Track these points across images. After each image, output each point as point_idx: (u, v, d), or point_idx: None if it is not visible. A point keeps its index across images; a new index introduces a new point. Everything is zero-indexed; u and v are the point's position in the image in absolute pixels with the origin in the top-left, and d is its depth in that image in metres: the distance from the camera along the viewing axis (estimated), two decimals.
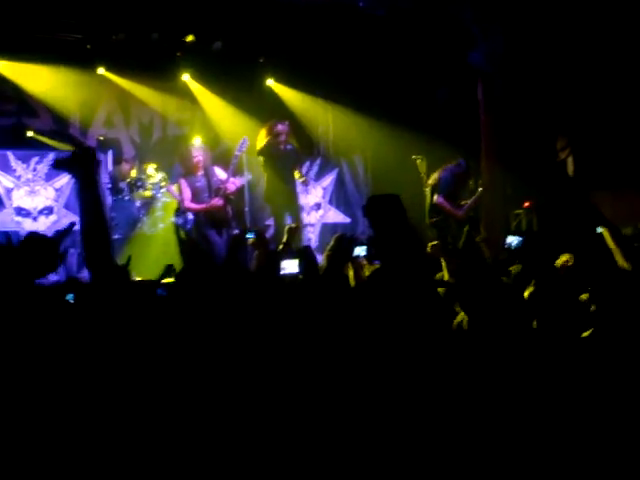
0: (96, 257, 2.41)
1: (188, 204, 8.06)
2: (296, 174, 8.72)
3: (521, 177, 8.67)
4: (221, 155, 9.90)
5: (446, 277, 4.58)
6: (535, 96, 8.85)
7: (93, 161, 2.47)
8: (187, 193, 8.04)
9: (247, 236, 4.81)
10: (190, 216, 8.36)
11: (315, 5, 8.62)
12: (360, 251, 4.19)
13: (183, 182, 8.11)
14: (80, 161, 2.45)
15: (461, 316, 2.98)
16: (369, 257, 4.38)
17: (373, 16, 8.65)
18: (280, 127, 8.45)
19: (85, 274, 5.26)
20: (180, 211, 8.88)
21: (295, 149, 8.84)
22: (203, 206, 7.98)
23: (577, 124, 9.19)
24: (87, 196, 2.44)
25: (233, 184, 8.17)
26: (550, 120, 9.28)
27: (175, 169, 9.46)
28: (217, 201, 7.95)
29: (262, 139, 8.45)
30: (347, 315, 2.76)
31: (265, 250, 4.69)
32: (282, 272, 3.89)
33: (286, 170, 8.59)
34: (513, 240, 4.23)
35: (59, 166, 2.57)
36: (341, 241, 3.39)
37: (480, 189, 8.38)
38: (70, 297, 2.86)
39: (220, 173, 8.22)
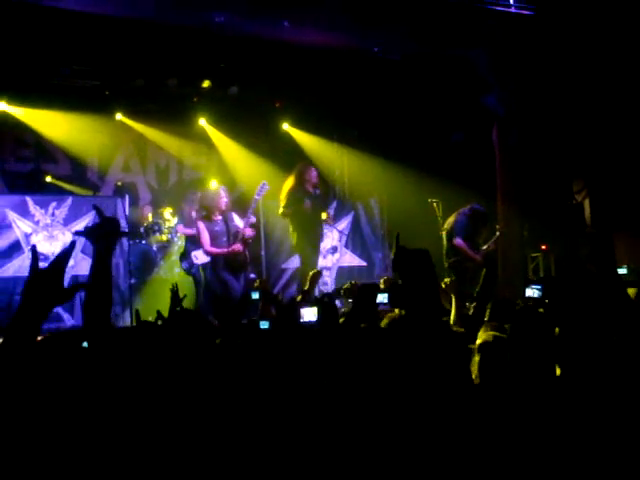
0: (95, 323, 2.42)
1: (209, 248, 8.02)
2: (323, 215, 8.70)
3: (538, 220, 8.64)
4: (237, 199, 9.94)
5: (452, 317, 4.52)
6: (551, 139, 8.85)
7: (117, 233, 2.47)
8: (206, 237, 8.01)
9: (252, 297, 4.80)
10: (195, 260, 8.34)
11: (330, 50, 8.70)
12: (382, 299, 4.14)
13: (201, 225, 8.08)
14: (106, 233, 2.44)
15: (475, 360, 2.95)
16: (391, 304, 4.34)
17: (388, 61, 8.72)
18: (311, 173, 8.50)
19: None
20: (184, 255, 8.89)
21: (322, 192, 8.86)
22: (224, 250, 7.95)
23: (593, 167, 9.16)
24: (102, 267, 2.44)
25: (252, 230, 8.16)
26: (566, 163, 9.27)
27: (185, 211, 9.51)
28: (238, 246, 7.93)
29: (291, 184, 8.47)
30: (367, 361, 2.75)
31: (275, 302, 4.68)
32: (302, 320, 3.86)
33: (315, 213, 8.59)
34: (533, 292, 4.15)
35: (84, 234, 2.54)
36: (365, 290, 3.38)
37: (497, 233, 8.34)
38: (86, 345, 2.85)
39: (236, 219, 8.22)
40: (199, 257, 8.12)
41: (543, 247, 9.03)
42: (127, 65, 8.90)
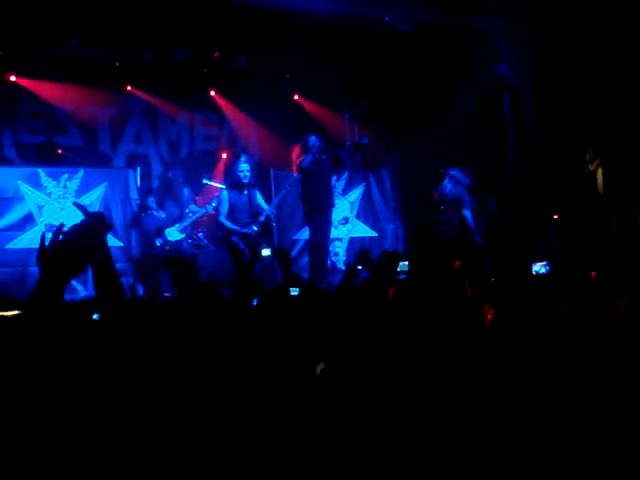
0: (106, 295, 2.38)
1: (222, 219, 7.94)
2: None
3: (550, 189, 8.60)
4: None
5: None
6: (563, 107, 8.78)
7: (102, 229, 2.36)
8: (225, 207, 7.93)
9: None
10: (169, 237, 8.43)
11: (341, 20, 8.64)
12: (404, 266, 4.15)
13: (224, 195, 7.98)
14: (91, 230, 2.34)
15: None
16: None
17: (399, 31, 8.66)
18: (313, 141, 8.44)
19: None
20: (159, 233, 8.76)
21: (329, 156, 8.80)
22: (236, 229, 7.88)
23: (606, 135, 9.09)
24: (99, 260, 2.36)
25: (272, 214, 8.16)
26: (579, 131, 9.20)
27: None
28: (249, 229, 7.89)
29: (299, 156, 8.44)
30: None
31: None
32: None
33: (326, 178, 8.56)
34: (540, 268, 4.14)
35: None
36: (387, 257, 3.40)
37: None
38: (97, 316, 2.85)
39: (259, 198, 8.16)
40: (172, 234, 8.19)
41: (555, 216, 8.98)
42: (137, 36, 8.88)
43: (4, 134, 9.73)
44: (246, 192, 7.97)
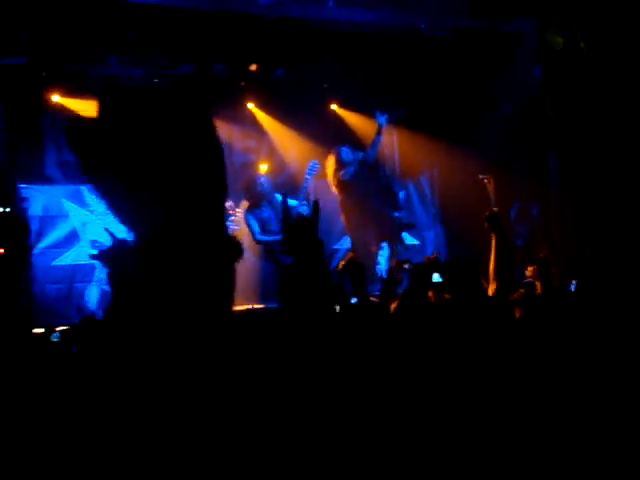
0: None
1: (259, 237, 8.04)
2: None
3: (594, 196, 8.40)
4: (289, 181, 9.96)
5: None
6: (611, 110, 8.60)
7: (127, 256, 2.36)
8: (255, 227, 8.03)
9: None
10: None
11: (376, 29, 8.64)
12: (437, 277, 4.10)
13: (248, 217, 8.12)
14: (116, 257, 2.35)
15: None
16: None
17: (435, 38, 8.62)
18: (347, 152, 8.42)
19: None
20: None
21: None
22: (276, 238, 7.94)
23: None
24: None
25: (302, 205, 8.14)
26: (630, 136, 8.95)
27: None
28: None
29: (332, 171, 8.41)
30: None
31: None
32: None
33: (362, 193, 8.51)
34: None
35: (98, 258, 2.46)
36: (419, 269, 3.37)
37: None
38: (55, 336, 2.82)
39: (289, 200, 8.21)
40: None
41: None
42: (174, 52, 8.97)
43: (47, 153, 9.88)
44: (265, 203, 8.03)
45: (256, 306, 7.89)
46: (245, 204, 8.79)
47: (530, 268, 4.80)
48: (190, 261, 2.09)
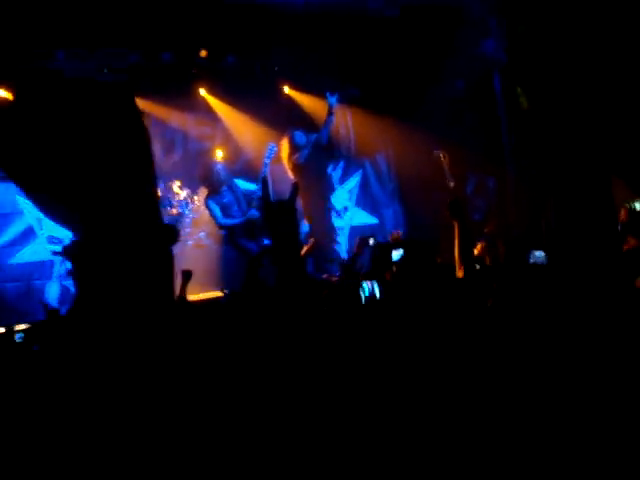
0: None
1: (222, 221, 8.10)
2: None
3: (549, 167, 8.53)
4: (245, 166, 9.93)
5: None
6: (560, 84, 8.69)
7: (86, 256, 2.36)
8: (217, 212, 8.10)
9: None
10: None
11: (326, 9, 8.61)
12: (397, 255, 4.12)
13: (210, 202, 8.18)
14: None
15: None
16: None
17: (385, 17, 8.63)
18: (300, 136, 8.45)
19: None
20: None
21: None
22: (239, 221, 8.02)
23: (603, 110, 8.98)
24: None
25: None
26: (578, 106, 9.08)
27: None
28: (253, 212, 7.98)
29: (286, 155, 8.44)
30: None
31: None
32: None
33: (323, 170, 8.57)
34: (538, 257, 4.04)
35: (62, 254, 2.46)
36: (380, 249, 3.38)
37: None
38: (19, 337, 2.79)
39: (244, 184, 8.26)
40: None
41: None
42: (123, 40, 8.84)
43: None
44: (225, 189, 8.06)
45: (219, 294, 7.90)
46: (204, 191, 8.77)
47: (478, 245, 4.88)
48: (128, 249, 2.09)
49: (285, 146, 8.50)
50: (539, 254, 4.00)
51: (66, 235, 8.84)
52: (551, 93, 8.44)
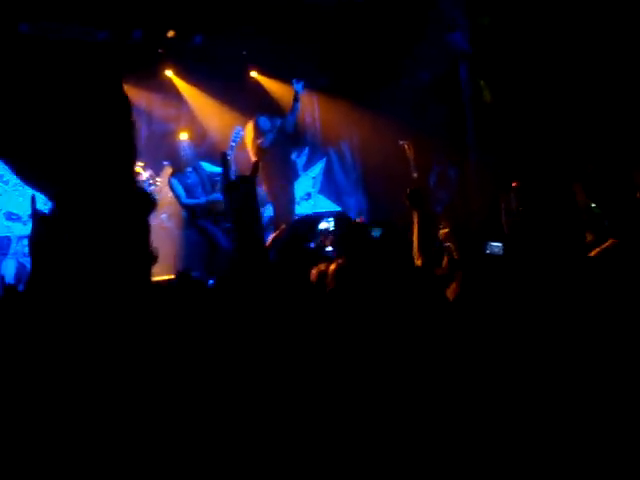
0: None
1: (185, 200, 8.09)
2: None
3: (511, 159, 8.65)
4: (210, 149, 9.88)
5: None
6: (522, 75, 8.79)
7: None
8: (180, 191, 8.07)
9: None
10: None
11: None
12: (377, 232, 3.93)
13: (173, 181, 8.14)
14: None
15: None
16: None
17: (354, 3, 8.64)
18: (264, 121, 8.46)
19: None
20: None
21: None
22: (202, 201, 8.01)
23: (571, 103, 9.11)
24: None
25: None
26: (540, 99, 9.21)
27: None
28: (217, 195, 7.99)
29: (250, 139, 8.44)
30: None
31: None
32: None
33: (287, 155, 8.60)
34: (494, 247, 4.00)
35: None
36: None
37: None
38: None
39: (210, 167, 8.24)
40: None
41: (514, 184, 9.02)
42: (90, 17, 8.73)
43: None
44: (190, 169, 8.05)
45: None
46: (168, 170, 8.73)
47: (441, 232, 4.89)
48: (103, 218, 2.08)
49: (250, 130, 8.50)
50: (496, 245, 4.00)
51: (25, 212, 8.74)
52: (513, 86, 8.56)
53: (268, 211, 9.16)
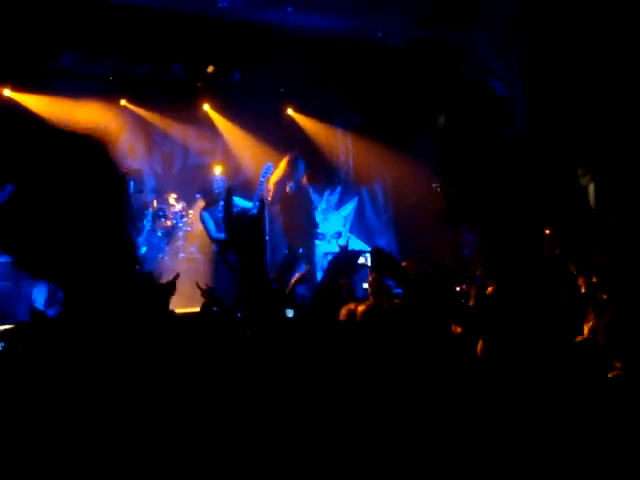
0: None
1: (214, 235, 8.09)
2: None
3: (543, 204, 8.60)
4: (243, 184, 9.94)
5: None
6: (557, 123, 8.80)
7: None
8: (211, 225, 8.08)
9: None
10: None
11: (334, 36, 8.70)
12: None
13: (204, 215, 8.16)
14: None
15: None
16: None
17: (391, 46, 8.72)
18: (300, 166, 8.50)
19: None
20: None
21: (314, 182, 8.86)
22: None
23: (599, 150, 9.10)
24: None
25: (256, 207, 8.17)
26: (571, 146, 9.21)
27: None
28: None
29: (280, 173, 8.48)
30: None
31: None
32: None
33: (304, 202, 8.61)
34: None
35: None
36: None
37: None
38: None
39: (242, 202, 8.25)
40: None
41: (547, 231, 8.98)
42: (131, 51, 8.89)
43: None
44: (222, 203, 8.08)
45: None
46: (201, 204, 8.77)
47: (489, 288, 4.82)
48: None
49: (284, 166, 8.51)
50: None
51: None
52: (549, 129, 8.59)
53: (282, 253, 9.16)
